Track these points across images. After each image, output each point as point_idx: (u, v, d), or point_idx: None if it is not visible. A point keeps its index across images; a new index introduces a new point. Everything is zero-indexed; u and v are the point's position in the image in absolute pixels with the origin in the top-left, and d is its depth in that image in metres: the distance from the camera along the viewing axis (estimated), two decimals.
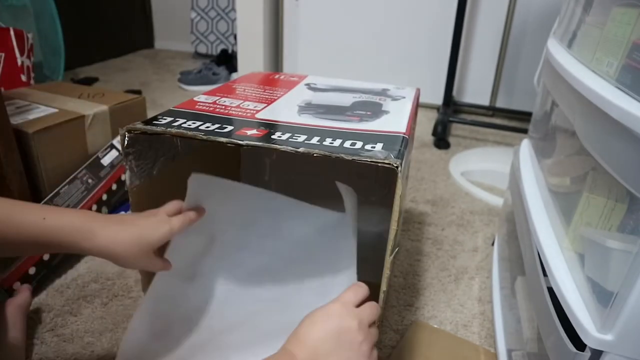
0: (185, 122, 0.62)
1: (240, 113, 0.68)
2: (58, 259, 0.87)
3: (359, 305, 0.53)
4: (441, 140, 1.58)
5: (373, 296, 0.55)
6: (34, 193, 0.92)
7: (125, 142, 0.60)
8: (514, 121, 1.84)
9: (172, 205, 0.61)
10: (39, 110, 1.00)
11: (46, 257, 0.84)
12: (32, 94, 1.10)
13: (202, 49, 2.66)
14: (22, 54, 1.44)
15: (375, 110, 0.74)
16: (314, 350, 0.48)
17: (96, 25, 2.45)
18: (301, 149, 0.55)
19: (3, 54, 1.40)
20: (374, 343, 0.52)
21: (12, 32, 1.42)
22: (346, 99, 0.80)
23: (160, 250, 0.60)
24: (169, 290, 0.67)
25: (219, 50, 2.45)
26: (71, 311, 0.78)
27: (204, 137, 0.58)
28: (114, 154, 1.03)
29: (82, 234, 0.51)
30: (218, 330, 0.68)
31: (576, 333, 0.42)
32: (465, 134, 1.73)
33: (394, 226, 0.56)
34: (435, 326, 0.78)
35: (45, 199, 0.89)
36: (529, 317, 0.60)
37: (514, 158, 0.86)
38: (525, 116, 1.50)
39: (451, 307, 0.83)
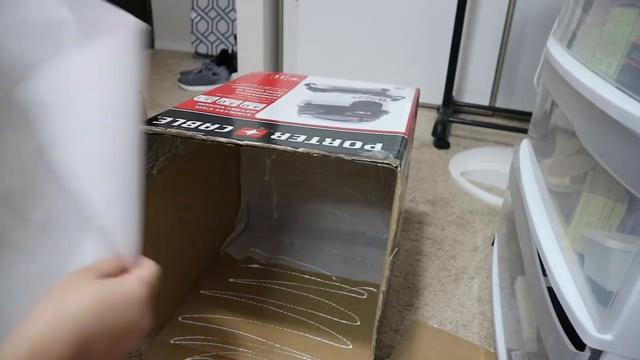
0: (185, 122, 0.62)
1: (240, 113, 0.68)
2: None
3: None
4: (441, 140, 1.58)
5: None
6: None
7: None
8: (513, 121, 1.84)
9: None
10: None
11: None
12: None
13: (202, 49, 2.66)
14: None
15: (374, 111, 0.74)
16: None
17: None
18: (301, 149, 0.55)
19: None
20: None
21: None
22: (346, 99, 0.80)
23: None
24: None
25: (219, 51, 2.45)
26: None
27: (204, 137, 0.58)
28: None
29: None
30: None
31: (576, 333, 0.42)
32: (465, 134, 1.73)
33: (393, 226, 0.56)
34: (435, 326, 0.78)
35: None
36: (528, 317, 0.60)
37: (514, 158, 0.85)
38: (525, 116, 1.50)
39: (451, 307, 0.83)
